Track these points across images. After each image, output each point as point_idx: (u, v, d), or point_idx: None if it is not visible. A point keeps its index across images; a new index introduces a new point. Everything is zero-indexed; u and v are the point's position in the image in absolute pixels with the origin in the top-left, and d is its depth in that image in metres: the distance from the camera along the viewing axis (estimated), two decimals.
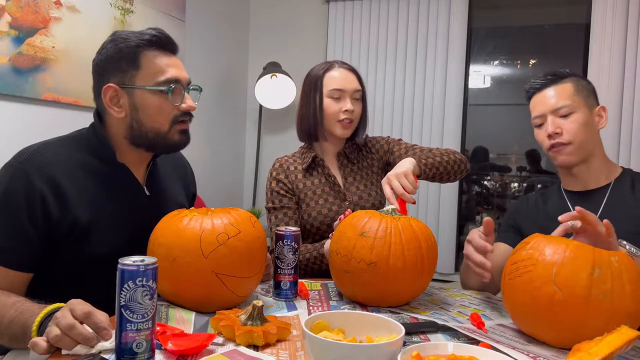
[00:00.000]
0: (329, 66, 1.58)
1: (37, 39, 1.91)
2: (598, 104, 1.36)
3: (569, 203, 1.35)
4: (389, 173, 1.29)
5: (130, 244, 1.04)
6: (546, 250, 0.92)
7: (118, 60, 1.10)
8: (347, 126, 1.55)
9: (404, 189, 1.24)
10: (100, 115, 1.16)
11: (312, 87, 1.58)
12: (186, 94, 1.15)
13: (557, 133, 1.30)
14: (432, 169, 1.40)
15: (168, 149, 1.20)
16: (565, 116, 1.30)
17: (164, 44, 1.13)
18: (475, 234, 1.14)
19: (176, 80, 1.12)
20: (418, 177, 1.36)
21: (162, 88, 1.10)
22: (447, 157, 1.47)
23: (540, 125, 1.36)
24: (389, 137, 1.69)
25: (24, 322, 0.89)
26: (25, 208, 1.01)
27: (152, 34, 1.11)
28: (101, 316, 0.81)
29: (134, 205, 1.15)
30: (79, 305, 0.81)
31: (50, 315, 0.86)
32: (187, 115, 1.16)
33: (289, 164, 1.61)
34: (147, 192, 1.20)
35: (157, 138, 1.13)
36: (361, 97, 1.59)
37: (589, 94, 1.34)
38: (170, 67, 1.12)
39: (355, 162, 1.63)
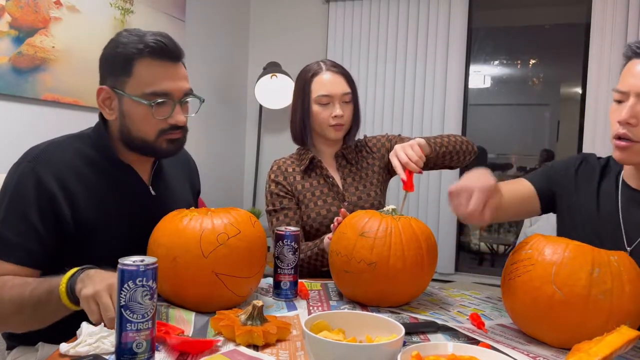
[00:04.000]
0: (317, 69, 1.56)
1: (37, 39, 1.91)
2: None
3: (620, 200, 1.11)
4: (395, 146, 1.30)
5: (136, 244, 1.04)
6: (545, 250, 0.92)
7: (113, 63, 1.09)
8: (338, 129, 1.55)
9: (409, 159, 1.25)
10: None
11: (300, 91, 1.57)
12: (178, 107, 1.10)
13: (629, 124, 0.99)
14: (442, 148, 1.43)
15: (157, 156, 1.19)
16: None
17: (164, 52, 1.07)
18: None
19: (165, 94, 1.07)
20: (428, 156, 1.37)
21: (144, 102, 1.06)
22: (453, 138, 1.50)
23: (619, 102, 1.04)
24: (387, 134, 1.69)
25: (49, 285, 0.92)
26: (36, 205, 1.01)
27: (154, 41, 1.06)
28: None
29: (140, 205, 1.15)
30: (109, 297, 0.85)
31: (78, 271, 0.92)
32: (177, 128, 1.11)
33: (287, 166, 1.61)
34: (153, 192, 1.20)
35: (145, 146, 1.12)
36: (351, 100, 1.57)
37: None
38: (163, 79, 1.07)
39: (354, 163, 1.62)
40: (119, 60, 1.07)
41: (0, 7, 1.77)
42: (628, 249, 1.08)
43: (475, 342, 0.88)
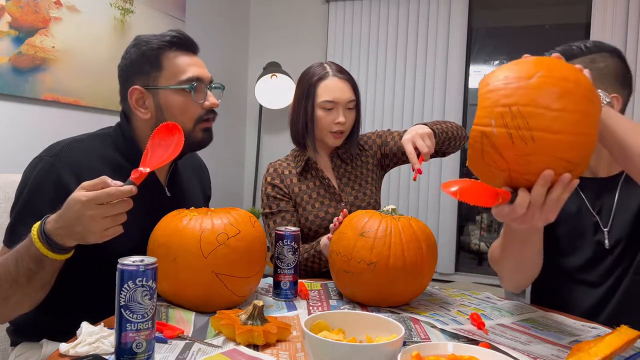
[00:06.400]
0: (323, 74, 1.53)
1: (37, 39, 1.91)
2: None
3: (580, 190, 1.21)
4: (410, 135, 1.31)
5: (146, 243, 1.05)
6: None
7: (141, 63, 1.13)
8: (338, 137, 1.54)
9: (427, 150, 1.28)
10: (126, 116, 1.18)
11: (304, 94, 1.55)
12: (209, 91, 1.18)
13: None
14: (442, 134, 1.44)
15: (192, 148, 1.22)
16: None
17: (184, 44, 1.16)
18: None
19: (198, 79, 1.15)
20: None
21: (185, 87, 1.13)
22: (449, 124, 1.52)
23: None
24: (377, 130, 1.69)
25: (26, 239, 0.91)
26: (51, 202, 1.00)
27: (172, 35, 1.14)
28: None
29: (155, 205, 1.15)
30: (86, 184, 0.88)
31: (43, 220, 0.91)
32: (211, 112, 1.19)
33: (283, 168, 1.59)
34: (168, 194, 1.22)
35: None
36: (354, 107, 1.56)
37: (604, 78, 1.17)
38: (191, 66, 1.16)
39: (349, 162, 1.62)
40: (146, 58, 1.13)
41: (0, 7, 1.77)
42: (605, 229, 1.17)
43: (475, 342, 0.88)
